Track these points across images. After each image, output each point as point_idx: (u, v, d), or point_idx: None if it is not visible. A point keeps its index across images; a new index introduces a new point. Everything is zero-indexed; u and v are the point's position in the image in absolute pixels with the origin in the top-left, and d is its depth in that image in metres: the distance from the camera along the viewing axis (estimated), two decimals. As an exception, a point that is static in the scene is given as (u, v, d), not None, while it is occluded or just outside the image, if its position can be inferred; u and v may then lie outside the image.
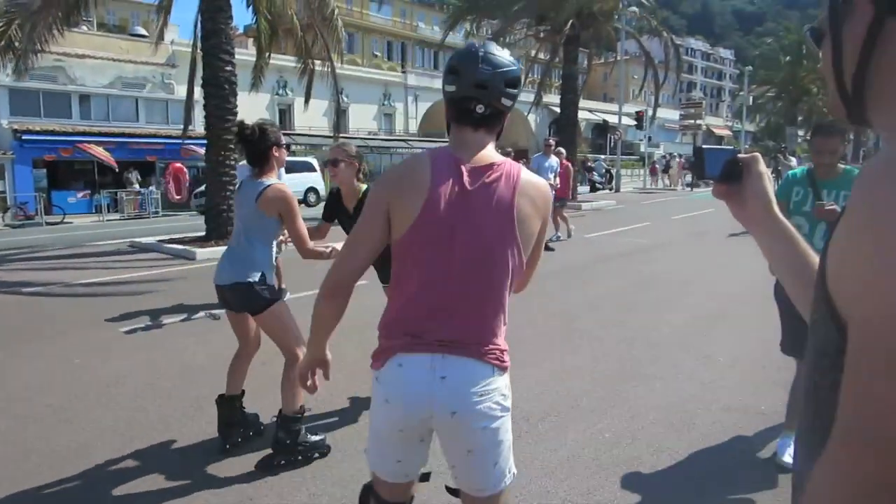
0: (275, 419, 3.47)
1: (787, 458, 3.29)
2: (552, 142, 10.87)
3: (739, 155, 1.11)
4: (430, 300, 1.72)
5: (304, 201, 24.43)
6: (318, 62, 14.83)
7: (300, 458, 3.39)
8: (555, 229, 11.48)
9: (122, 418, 4.06)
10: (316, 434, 3.57)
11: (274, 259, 3.52)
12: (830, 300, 0.72)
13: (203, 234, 11.88)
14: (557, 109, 24.09)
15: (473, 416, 1.68)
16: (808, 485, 0.70)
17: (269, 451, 3.41)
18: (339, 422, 4.01)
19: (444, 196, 1.68)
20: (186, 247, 11.06)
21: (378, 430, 1.82)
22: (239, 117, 12.31)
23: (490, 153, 1.77)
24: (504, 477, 1.80)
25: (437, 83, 30.62)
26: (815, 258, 1.02)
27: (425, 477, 1.95)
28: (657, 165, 33.75)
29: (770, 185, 1.09)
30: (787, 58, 48.52)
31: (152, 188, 23.03)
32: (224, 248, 3.77)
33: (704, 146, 1.14)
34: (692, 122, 30.87)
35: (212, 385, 4.60)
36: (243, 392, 3.72)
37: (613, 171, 30.31)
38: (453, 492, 1.89)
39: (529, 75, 24.66)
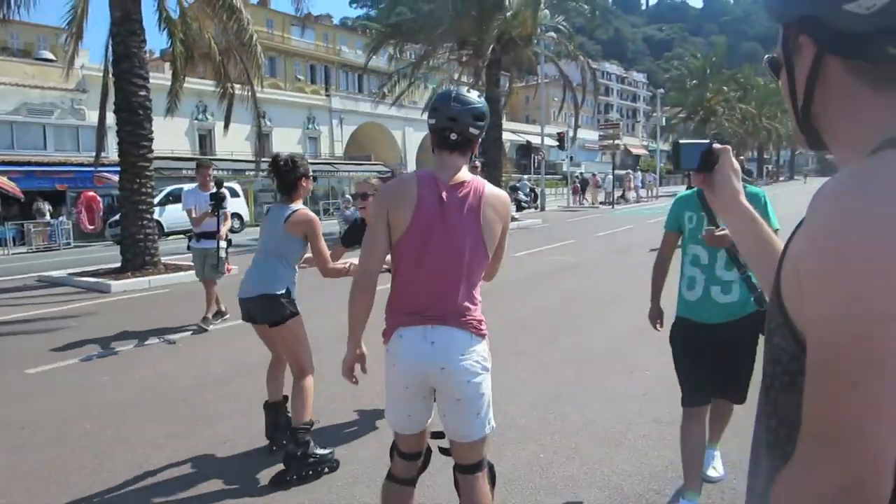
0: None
1: (711, 471, 3.38)
2: (478, 164, 11.04)
3: (714, 146, 1.19)
4: (420, 287, 2.24)
5: (227, 228, 23.75)
6: (238, 86, 14.54)
7: (310, 472, 3.53)
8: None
9: (33, 468, 3.77)
10: (324, 448, 3.68)
11: (297, 277, 3.80)
12: (785, 311, 0.78)
13: (119, 265, 11.32)
14: (482, 131, 24.51)
15: (458, 370, 2.21)
16: (771, 493, 0.74)
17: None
18: (348, 434, 4.10)
19: (428, 207, 2.19)
20: (100, 279, 10.51)
21: (390, 391, 2.34)
22: (156, 143, 11.91)
23: (463, 173, 2.27)
24: (485, 426, 2.32)
25: (362, 106, 30.50)
26: (779, 243, 1.08)
27: (439, 435, 2.39)
28: (577, 184, 34.76)
29: (737, 177, 1.19)
30: (694, 81, 51.29)
31: (63, 218, 21.84)
32: (144, 278, 3.70)
33: (681, 141, 1.23)
34: (611, 142, 32.00)
35: (129, 424, 4.35)
36: (286, 397, 3.92)
37: (538, 191, 30.98)
38: (445, 451, 2.44)
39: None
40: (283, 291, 3.66)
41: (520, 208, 29.03)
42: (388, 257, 2.34)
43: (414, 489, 2.47)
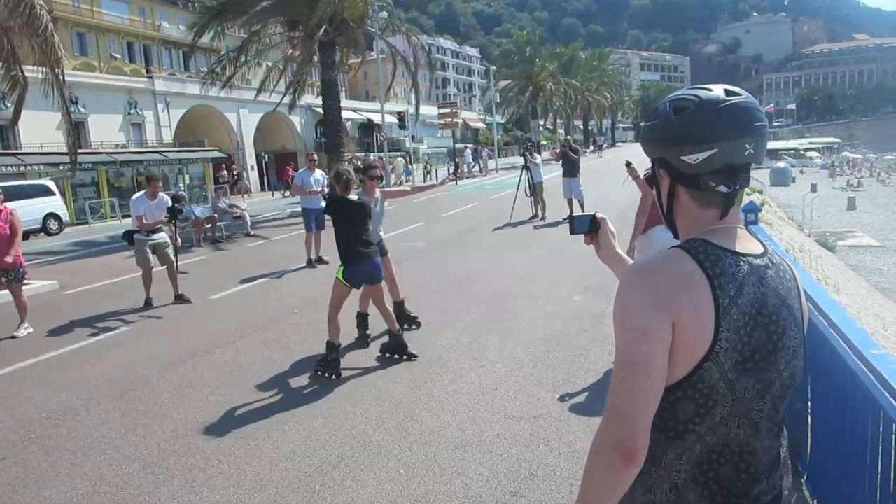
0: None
1: None
2: (315, 157, 10.95)
3: (596, 216, 1.74)
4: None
5: (43, 230, 21.40)
6: (38, 69, 12.85)
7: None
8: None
9: None
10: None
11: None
12: None
13: None
14: (321, 111, 23.93)
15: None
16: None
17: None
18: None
19: None
20: None
21: None
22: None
23: None
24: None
25: (190, 88, 28.28)
26: None
27: None
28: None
29: (614, 237, 1.72)
30: (516, 57, 53.32)
31: None
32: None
33: (574, 214, 1.77)
34: (450, 119, 32.66)
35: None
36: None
37: (384, 171, 30.94)
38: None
39: (289, 75, 24.08)
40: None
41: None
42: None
43: None
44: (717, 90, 1.26)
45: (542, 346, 5.91)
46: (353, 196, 5.59)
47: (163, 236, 8.68)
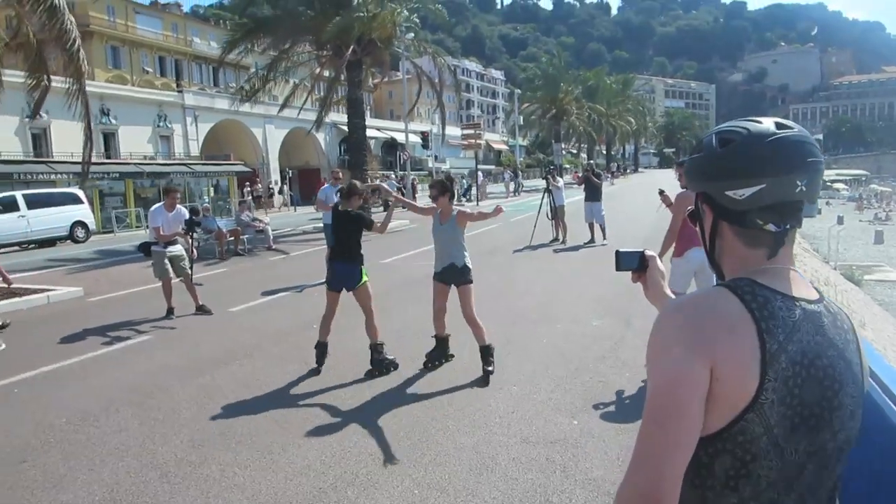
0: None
1: None
2: (340, 174, 11.07)
3: (645, 253, 1.64)
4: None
5: (70, 237, 21.79)
6: (67, 80, 13.13)
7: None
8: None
9: None
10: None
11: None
12: None
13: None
14: (346, 128, 24.22)
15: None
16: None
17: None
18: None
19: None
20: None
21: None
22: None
23: None
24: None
25: (219, 103, 28.72)
26: None
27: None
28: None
29: (663, 277, 1.63)
30: (541, 81, 53.57)
31: None
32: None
33: (620, 250, 1.66)
34: (473, 140, 32.82)
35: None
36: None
37: (404, 190, 31.09)
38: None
39: (315, 93, 24.45)
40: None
41: (387, 208, 28.99)
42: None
43: None
44: (767, 122, 1.19)
45: (560, 370, 5.87)
46: (351, 208, 6.07)
47: (179, 248, 8.81)
